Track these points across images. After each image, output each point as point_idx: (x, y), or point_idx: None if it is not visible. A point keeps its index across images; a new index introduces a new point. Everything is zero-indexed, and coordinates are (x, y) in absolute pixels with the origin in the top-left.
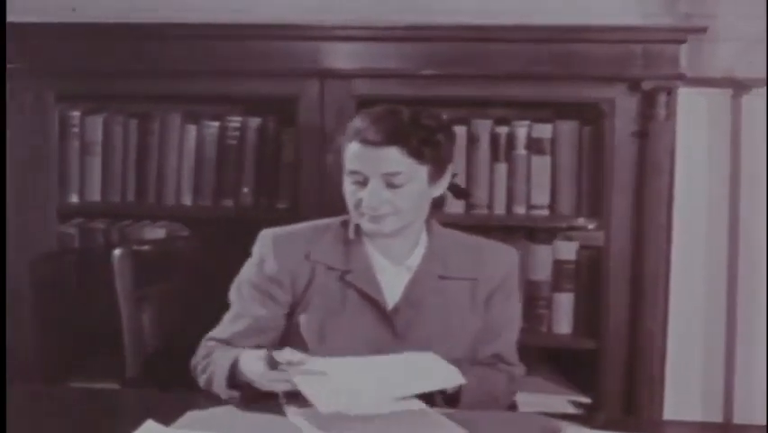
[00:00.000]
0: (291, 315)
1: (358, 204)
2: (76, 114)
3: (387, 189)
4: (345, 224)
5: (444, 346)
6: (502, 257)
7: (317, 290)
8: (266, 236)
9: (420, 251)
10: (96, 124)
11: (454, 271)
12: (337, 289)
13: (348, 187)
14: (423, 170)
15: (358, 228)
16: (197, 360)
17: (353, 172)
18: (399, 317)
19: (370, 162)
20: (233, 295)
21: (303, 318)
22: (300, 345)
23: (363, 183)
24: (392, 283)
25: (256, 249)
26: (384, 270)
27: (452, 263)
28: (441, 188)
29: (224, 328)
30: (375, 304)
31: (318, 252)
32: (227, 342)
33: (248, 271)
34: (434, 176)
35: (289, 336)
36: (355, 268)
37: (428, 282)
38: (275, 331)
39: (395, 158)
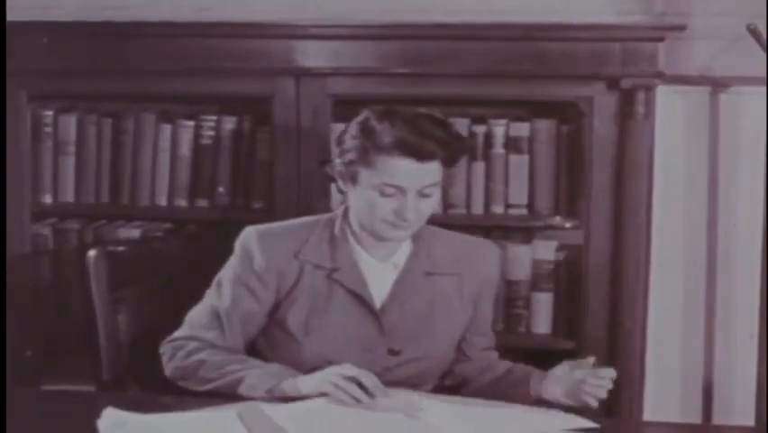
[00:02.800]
0: (273, 312)
1: (386, 215)
2: (49, 113)
3: (419, 199)
4: (330, 222)
5: (432, 342)
6: (486, 253)
7: (304, 288)
8: (251, 233)
9: (406, 248)
10: (70, 124)
11: (440, 268)
12: (324, 286)
13: (371, 198)
14: (442, 177)
15: (344, 227)
16: (187, 367)
17: (388, 185)
18: (387, 314)
19: (413, 177)
20: (213, 292)
21: (290, 315)
22: (286, 342)
23: (395, 195)
24: (379, 280)
25: (239, 246)
26: (370, 267)
27: (438, 260)
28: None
29: (203, 327)
30: (362, 301)
31: (306, 250)
32: (212, 344)
33: (231, 267)
34: (444, 181)
35: (274, 332)
36: (342, 266)
37: (415, 279)
38: (255, 328)
39: (435, 170)
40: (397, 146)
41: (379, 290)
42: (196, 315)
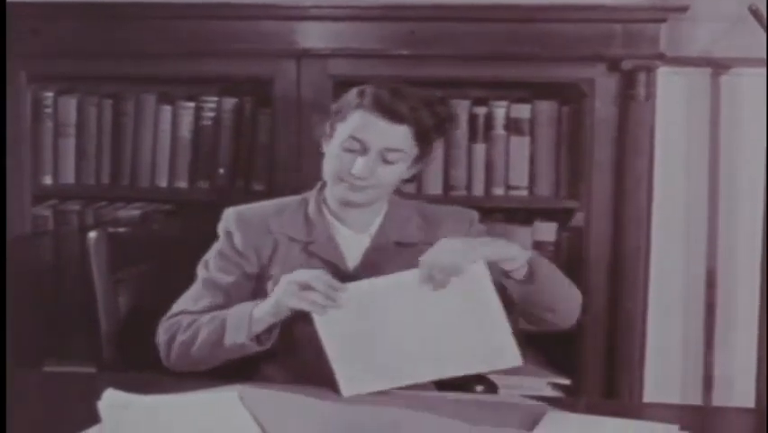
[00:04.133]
0: (257, 287)
1: (344, 170)
2: (49, 94)
3: (380, 163)
4: (304, 201)
5: None
6: (459, 218)
7: (281, 260)
8: (230, 213)
9: (379, 219)
10: (70, 105)
11: (410, 238)
12: (302, 259)
13: (338, 152)
14: (414, 152)
15: (319, 202)
16: (173, 332)
17: (354, 139)
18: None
19: (377, 134)
20: (200, 269)
21: (270, 287)
22: None
23: (358, 152)
24: (353, 250)
25: (221, 226)
26: (347, 239)
27: (409, 230)
28: (416, 169)
29: (191, 301)
30: (337, 271)
31: (279, 224)
32: (197, 313)
33: (216, 247)
34: (419, 159)
35: None
36: (318, 238)
37: (385, 248)
38: (241, 301)
39: (402, 136)
40: (372, 102)
41: (353, 260)
42: (184, 296)
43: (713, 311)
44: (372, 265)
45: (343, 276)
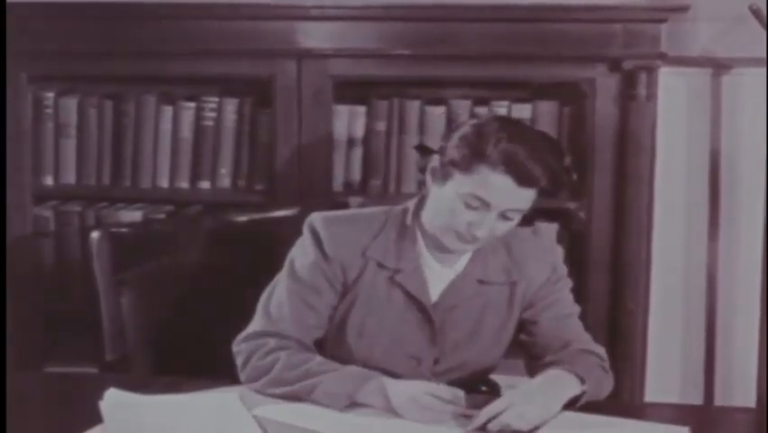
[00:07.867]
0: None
1: (459, 224)
2: (50, 95)
3: (499, 220)
4: (399, 217)
5: (476, 350)
6: (543, 263)
7: (365, 285)
8: (317, 223)
9: (468, 254)
10: (71, 106)
11: (492, 277)
12: (384, 287)
13: (453, 205)
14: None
15: (414, 223)
16: (249, 353)
17: (477, 198)
18: (437, 318)
19: (505, 197)
20: (289, 280)
21: (352, 313)
22: (335, 341)
23: (478, 209)
24: (436, 284)
25: (309, 238)
26: (433, 271)
27: (493, 268)
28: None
29: (285, 322)
30: (419, 305)
31: (374, 247)
32: (294, 339)
33: (305, 254)
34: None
35: (327, 330)
36: (405, 267)
37: (467, 286)
38: (325, 321)
39: (529, 198)
40: (504, 161)
41: (434, 296)
42: (275, 305)
43: (714, 311)
44: (451, 303)
45: (421, 310)
